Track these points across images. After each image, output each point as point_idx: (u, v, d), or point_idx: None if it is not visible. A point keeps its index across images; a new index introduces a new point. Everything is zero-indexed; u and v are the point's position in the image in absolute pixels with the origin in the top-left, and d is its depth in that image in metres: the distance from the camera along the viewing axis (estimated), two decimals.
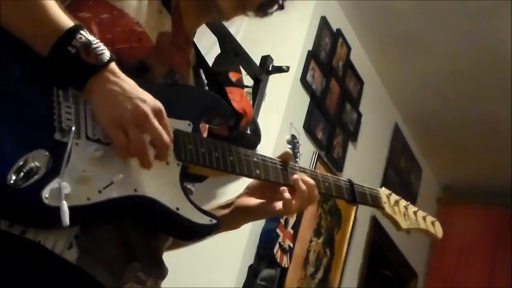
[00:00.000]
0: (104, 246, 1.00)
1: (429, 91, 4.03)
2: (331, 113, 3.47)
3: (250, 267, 2.72)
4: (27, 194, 0.88)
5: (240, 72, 2.81)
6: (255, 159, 1.20)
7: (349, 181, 1.40)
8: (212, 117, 1.22)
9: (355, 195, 1.38)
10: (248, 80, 2.92)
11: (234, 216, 1.30)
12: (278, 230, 2.78)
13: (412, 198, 4.60)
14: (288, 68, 3.02)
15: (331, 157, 3.45)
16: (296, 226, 2.98)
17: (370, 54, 3.84)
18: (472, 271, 4.60)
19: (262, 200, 1.29)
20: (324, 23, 3.34)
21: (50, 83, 0.96)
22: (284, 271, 2.89)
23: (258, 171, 1.20)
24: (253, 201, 1.30)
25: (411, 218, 1.49)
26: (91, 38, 0.96)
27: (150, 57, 1.12)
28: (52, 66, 0.95)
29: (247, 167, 1.18)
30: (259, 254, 2.75)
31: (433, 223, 1.53)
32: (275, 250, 2.75)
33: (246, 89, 2.83)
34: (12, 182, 0.86)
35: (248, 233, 2.73)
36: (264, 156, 1.23)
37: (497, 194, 4.60)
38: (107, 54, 0.96)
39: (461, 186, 4.95)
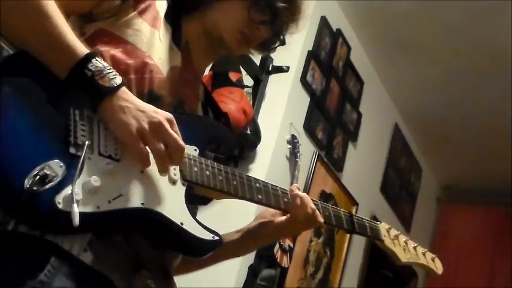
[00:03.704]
0: (114, 254, 1.07)
1: (429, 91, 4.03)
2: (331, 113, 3.47)
3: (250, 267, 2.72)
4: (42, 198, 0.95)
5: (240, 72, 2.81)
6: (257, 185, 1.28)
7: (349, 213, 1.45)
8: (217, 146, 1.30)
9: (354, 225, 1.44)
10: (248, 80, 2.92)
11: (245, 241, 1.38)
12: None
13: (412, 198, 4.60)
14: (288, 68, 3.02)
15: (331, 157, 3.45)
16: None
17: (370, 54, 3.84)
18: (472, 271, 4.60)
19: (271, 220, 1.37)
20: (323, 23, 3.34)
21: (68, 103, 1.05)
22: (284, 271, 2.89)
23: (259, 196, 1.27)
24: (263, 223, 1.38)
25: (411, 252, 1.52)
26: (105, 63, 1.05)
27: (160, 88, 1.20)
28: (69, 89, 1.04)
29: (249, 191, 1.25)
30: (259, 254, 2.74)
31: (433, 259, 1.56)
32: (275, 250, 2.75)
33: (246, 89, 2.83)
34: (28, 186, 0.93)
35: None
36: (266, 182, 1.30)
37: (497, 194, 4.60)
38: (119, 78, 1.06)
39: (461, 186, 4.96)
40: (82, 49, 1.04)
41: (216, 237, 1.14)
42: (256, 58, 2.99)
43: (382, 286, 4.52)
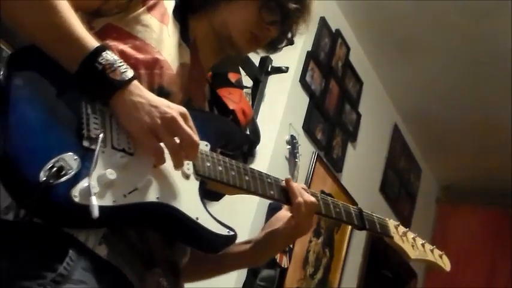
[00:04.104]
0: (127, 250, 1.06)
1: (429, 91, 4.03)
2: (331, 113, 3.47)
3: (250, 268, 2.72)
4: (58, 191, 0.94)
5: (239, 72, 2.79)
6: (269, 180, 1.27)
7: (358, 209, 1.45)
8: (227, 143, 1.29)
9: (364, 222, 1.42)
10: (247, 81, 2.92)
11: (256, 250, 1.36)
12: None
13: (411, 198, 4.60)
14: (287, 68, 3.01)
15: (331, 157, 3.45)
16: None
17: (369, 54, 3.84)
18: (471, 271, 4.60)
19: (277, 228, 1.35)
20: (323, 23, 3.34)
21: (79, 97, 1.04)
22: (283, 271, 2.89)
23: (272, 192, 1.26)
24: (269, 233, 1.36)
25: (419, 249, 1.51)
26: (116, 57, 1.04)
27: (170, 84, 1.19)
28: (80, 82, 1.03)
29: (261, 186, 1.25)
30: None
31: (441, 256, 1.56)
32: None
33: (245, 90, 2.81)
34: (44, 179, 0.92)
35: (248, 234, 2.73)
36: (277, 178, 1.30)
37: (497, 194, 4.59)
38: (130, 72, 1.05)
39: (461, 186, 4.95)
40: (92, 42, 1.03)
41: (232, 232, 1.13)
42: (256, 59, 2.99)
43: (381, 286, 4.53)
